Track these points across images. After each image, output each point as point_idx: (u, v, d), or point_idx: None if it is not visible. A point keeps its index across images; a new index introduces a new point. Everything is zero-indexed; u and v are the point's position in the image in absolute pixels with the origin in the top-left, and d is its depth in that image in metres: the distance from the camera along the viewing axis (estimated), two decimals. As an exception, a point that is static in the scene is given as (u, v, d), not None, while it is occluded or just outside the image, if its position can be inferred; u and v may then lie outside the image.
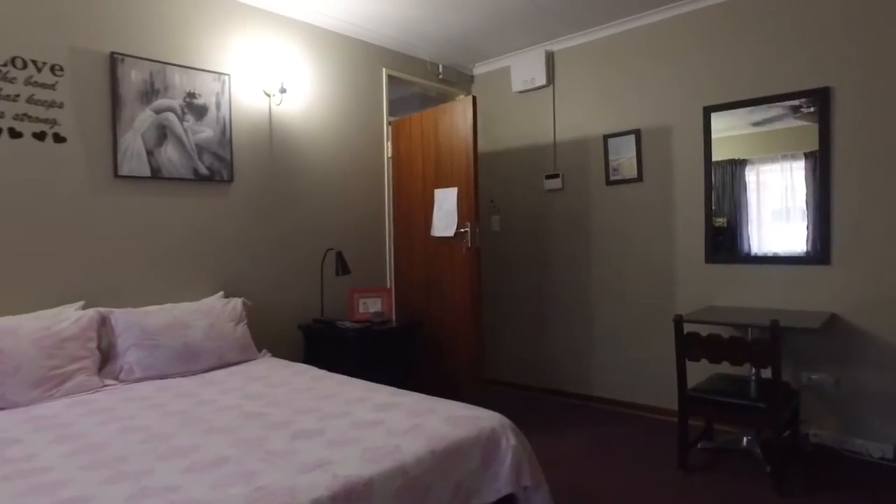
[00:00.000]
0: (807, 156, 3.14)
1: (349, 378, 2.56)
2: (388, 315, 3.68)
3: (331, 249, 3.62)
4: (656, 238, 3.71)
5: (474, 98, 3.52)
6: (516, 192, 4.52)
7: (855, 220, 3.02)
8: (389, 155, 4.17)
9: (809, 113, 3.13)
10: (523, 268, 4.47)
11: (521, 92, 4.44)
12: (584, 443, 3.35)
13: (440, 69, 4.52)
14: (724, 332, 3.08)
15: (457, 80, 4.71)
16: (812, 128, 3.12)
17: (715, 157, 3.43)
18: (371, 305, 3.72)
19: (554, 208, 4.27)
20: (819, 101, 3.09)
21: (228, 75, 3.27)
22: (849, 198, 3.04)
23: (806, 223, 3.15)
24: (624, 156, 3.86)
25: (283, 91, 3.42)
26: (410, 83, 4.38)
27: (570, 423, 3.73)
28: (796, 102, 3.17)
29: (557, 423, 3.76)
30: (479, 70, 4.78)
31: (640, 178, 3.79)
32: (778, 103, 3.22)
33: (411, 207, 3.99)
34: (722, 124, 3.44)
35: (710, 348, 2.63)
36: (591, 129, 4.05)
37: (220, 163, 3.24)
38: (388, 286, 4.12)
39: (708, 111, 3.48)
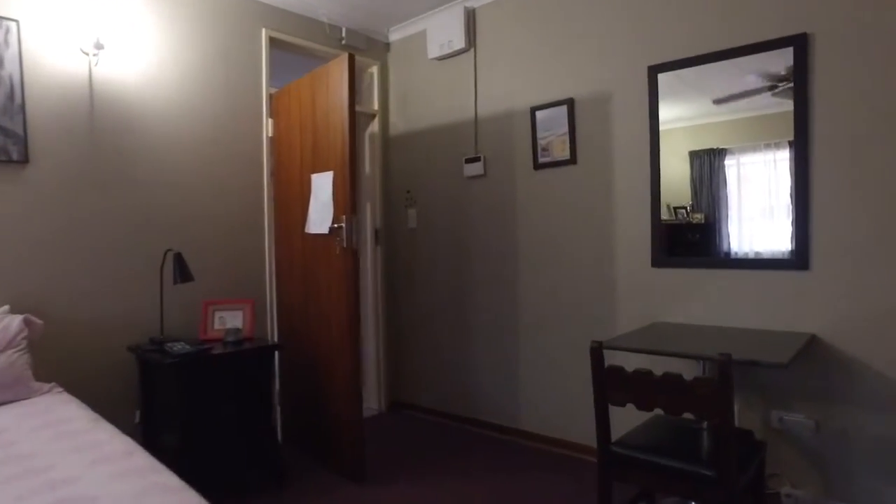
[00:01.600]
0: (792, 144, 2.38)
1: (117, 435, 1.75)
2: (248, 333, 2.88)
3: (170, 251, 2.80)
4: (594, 236, 2.94)
5: (351, 56, 2.72)
6: (435, 181, 3.73)
7: (837, 212, 2.26)
8: (270, 135, 3.37)
9: (788, 89, 2.37)
10: (443, 272, 3.69)
11: (438, 59, 3.65)
12: (497, 492, 2.57)
13: (343, 33, 3.72)
14: (665, 366, 2.32)
15: (366, 47, 3.91)
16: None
17: (693, 147, 2.64)
18: (230, 320, 2.91)
19: (475, 199, 3.48)
20: (796, 56, 2.33)
21: (16, 21, 2.45)
22: (831, 182, 2.28)
23: (790, 220, 2.39)
24: (554, 132, 3.08)
25: (99, 48, 2.61)
26: (303, 49, 3.58)
27: (486, 462, 2.95)
28: (770, 72, 2.40)
29: (470, 461, 2.97)
30: (395, 35, 3.98)
31: (573, 160, 3.02)
32: (743, 59, 2.46)
33: (290, 198, 3.19)
34: (680, 110, 2.66)
35: (638, 389, 1.85)
36: (518, 101, 3.27)
37: (6, 138, 2.43)
38: (268, 295, 3.31)
39: (654, 72, 2.71)
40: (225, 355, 2.57)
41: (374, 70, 3.98)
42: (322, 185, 2.88)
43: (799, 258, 2.33)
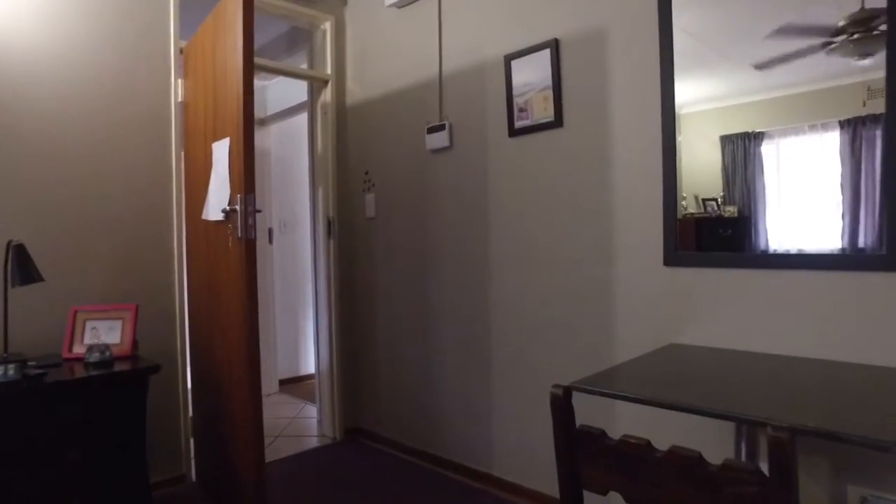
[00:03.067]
0: (847, 124, 1.60)
1: None
2: (126, 350, 2.18)
3: (12, 241, 2.12)
4: (584, 224, 2.17)
5: (248, -19, 2.00)
6: (395, 158, 3.00)
7: (952, 177, 1.46)
8: (181, 99, 2.68)
9: (850, 41, 1.58)
10: (405, 273, 2.95)
11: (397, 5, 2.92)
12: None
13: (283, -25, 3.02)
14: (677, 426, 1.59)
15: (316, -4, 3.20)
16: (857, 76, 1.57)
17: (724, 131, 1.85)
18: (106, 333, 2.23)
19: (441, 178, 2.74)
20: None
21: None
22: (938, 133, 1.48)
23: (842, 210, 1.61)
24: (534, 87, 2.32)
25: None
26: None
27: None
28: (822, 24, 1.61)
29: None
30: (352, -17, 3.27)
31: (558, 122, 2.26)
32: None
33: (198, 175, 2.49)
34: (709, 88, 1.88)
35: (629, 471, 1.10)
36: (489, 50, 2.52)
37: None
38: (177, 299, 2.62)
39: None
40: (69, 384, 1.88)
41: (328, 26, 3.26)
42: (220, 158, 2.17)
43: (891, 254, 1.53)
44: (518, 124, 2.38)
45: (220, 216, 2.09)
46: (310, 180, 3.41)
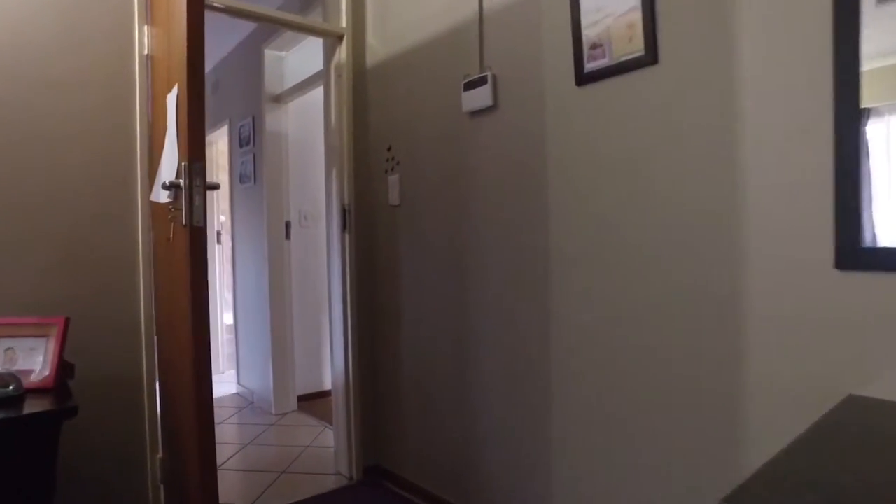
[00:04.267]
0: None
1: None
2: (49, 380, 1.60)
3: None
4: (693, 205, 1.45)
5: None
6: (424, 127, 2.34)
7: None
8: (147, 51, 2.10)
9: None
10: (437, 275, 2.29)
11: (426, -73, 2.26)
12: None
13: None
14: None
15: (328, -71, 2.57)
16: None
17: None
18: (25, 357, 1.65)
19: (482, 148, 2.06)
20: None
21: None
22: None
23: None
24: (613, 11, 1.61)
25: None
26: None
27: None
28: None
29: None
30: (373, -86, 2.62)
31: (650, 58, 1.53)
32: None
33: (162, 143, 1.89)
34: None
35: None
36: (549, -31, 1.82)
37: None
38: (142, 308, 2.04)
39: None
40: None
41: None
42: (172, 116, 1.56)
43: None
44: (589, 67, 1.68)
45: (164, 197, 1.47)
46: (325, 162, 2.79)
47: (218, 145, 4.95)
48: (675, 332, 1.47)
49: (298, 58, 3.76)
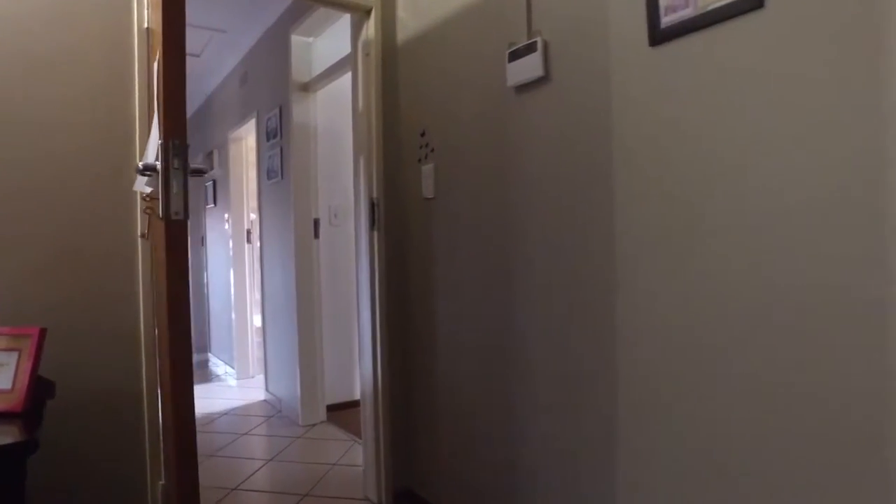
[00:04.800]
0: None
1: None
2: (17, 402, 1.36)
3: None
4: (830, 191, 1.10)
5: None
6: (462, 107, 2.03)
7: None
8: (147, 25, 1.85)
9: None
10: (476, 276, 1.98)
11: None
12: None
13: None
14: None
15: None
16: None
17: None
18: (-4, 376, 1.42)
19: (531, 129, 1.74)
20: None
21: None
22: None
23: None
24: (703, -53, 1.27)
25: None
26: None
27: None
28: None
29: None
30: None
31: (754, 0, 1.19)
32: None
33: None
34: None
35: None
36: None
37: None
38: (142, 315, 1.79)
39: None
40: None
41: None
42: (155, 91, 1.29)
43: None
44: (667, 20, 1.34)
45: (145, 185, 1.21)
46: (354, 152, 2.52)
47: (247, 141, 4.75)
48: (795, 350, 1.12)
49: (326, 43, 3.50)
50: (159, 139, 1.06)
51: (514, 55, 1.74)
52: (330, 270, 3.71)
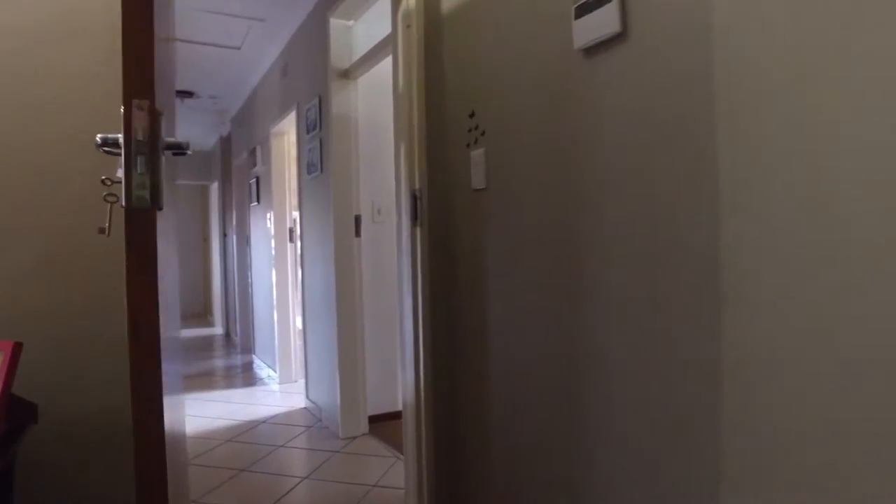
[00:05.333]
0: None
1: None
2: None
3: None
4: None
5: None
6: (518, 81, 1.72)
7: None
8: (159, -12, 1.61)
9: None
10: (535, 285, 1.66)
11: None
12: None
13: None
14: None
15: None
16: None
17: None
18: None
19: (604, 101, 1.41)
20: None
21: None
22: None
23: None
24: None
25: None
26: None
27: None
28: None
29: None
30: None
31: None
32: None
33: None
34: None
35: None
36: None
37: None
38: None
39: None
40: None
41: None
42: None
43: None
44: (802, -62, 0.99)
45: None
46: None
47: (289, 135, 4.57)
48: None
49: (367, 26, 3.25)
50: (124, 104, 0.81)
51: (582, 9, 1.42)
52: (373, 271, 3.46)
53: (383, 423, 3.39)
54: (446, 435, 2.09)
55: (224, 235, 7.53)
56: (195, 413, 3.71)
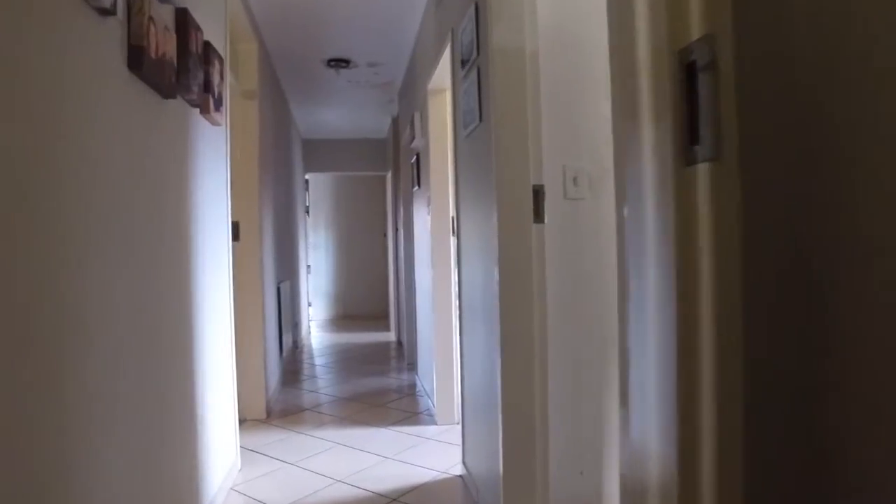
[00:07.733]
0: None
1: None
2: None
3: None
4: None
5: None
6: None
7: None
8: None
9: None
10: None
11: None
12: None
13: None
14: None
15: None
16: None
17: None
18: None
19: None
20: None
21: None
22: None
23: None
24: None
25: None
26: None
27: None
28: None
29: None
30: None
31: None
32: None
33: None
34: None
35: None
36: None
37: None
38: None
39: None
40: None
41: None
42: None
43: None
44: None
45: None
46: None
47: (449, 93, 3.46)
48: None
49: None
50: None
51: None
52: (565, 276, 2.14)
53: None
54: None
55: (396, 230, 6.80)
56: (311, 467, 2.78)
